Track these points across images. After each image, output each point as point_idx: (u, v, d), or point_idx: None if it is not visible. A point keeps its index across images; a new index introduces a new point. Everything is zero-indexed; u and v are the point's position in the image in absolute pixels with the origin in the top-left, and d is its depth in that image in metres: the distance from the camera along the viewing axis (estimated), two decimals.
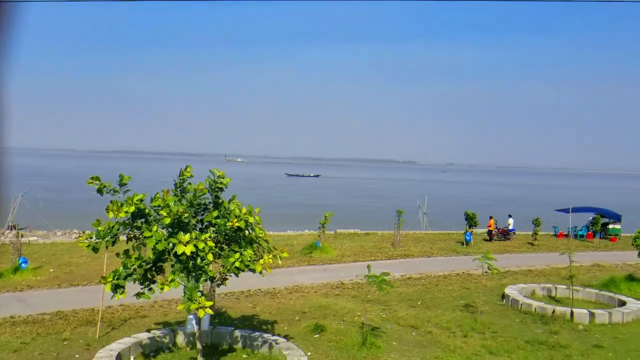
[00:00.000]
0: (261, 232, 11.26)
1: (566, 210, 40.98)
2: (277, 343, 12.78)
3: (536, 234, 36.16)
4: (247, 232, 11.06)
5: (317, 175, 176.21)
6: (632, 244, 22.45)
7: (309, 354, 12.79)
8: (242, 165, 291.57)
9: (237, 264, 10.50)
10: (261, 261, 10.77)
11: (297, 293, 19.72)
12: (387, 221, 40.95)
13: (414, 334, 15.31)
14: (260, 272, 10.74)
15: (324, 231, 31.82)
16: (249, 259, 10.62)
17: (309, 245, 28.88)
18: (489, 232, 37.03)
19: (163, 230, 10.51)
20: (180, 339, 13.33)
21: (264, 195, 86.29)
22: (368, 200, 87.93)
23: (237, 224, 10.69)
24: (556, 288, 21.13)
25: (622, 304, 18.82)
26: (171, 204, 10.47)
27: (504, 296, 19.77)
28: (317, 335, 14.48)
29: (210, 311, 10.10)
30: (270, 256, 10.94)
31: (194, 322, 11.11)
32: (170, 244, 10.24)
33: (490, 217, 37.21)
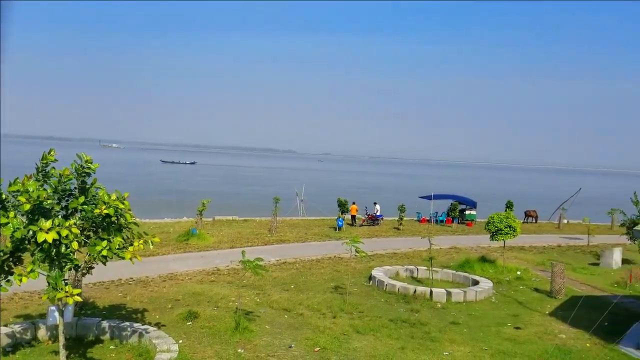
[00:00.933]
0: (132, 218, 10.75)
1: (428, 197, 43.51)
2: (147, 332, 12.35)
3: (401, 219, 38.05)
4: (116, 218, 10.51)
5: (193, 163, 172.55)
6: (485, 228, 24.25)
7: (180, 341, 12.49)
8: (117, 151, 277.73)
9: (104, 252, 9.96)
10: (131, 248, 10.28)
11: (171, 281, 19.19)
12: (265, 208, 41.05)
13: (286, 316, 15.49)
14: (130, 260, 10.27)
15: (201, 218, 31.22)
16: (117, 246, 10.11)
17: (185, 233, 28.20)
18: (353, 217, 38.43)
19: (22, 217, 9.71)
20: (42, 332, 12.45)
21: (139, 182, 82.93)
22: (247, 188, 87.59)
23: (105, 211, 10.12)
24: (418, 269, 22.38)
25: (476, 283, 20.34)
26: (31, 189, 9.68)
27: (370, 278, 20.60)
28: (189, 323, 14.18)
29: (78, 298, 9.51)
30: (141, 242, 10.46)
31: (55, 313, 10.39)
32: (30, 232, 9.49)
33: (353, 203, 38.56)
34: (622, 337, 14.74)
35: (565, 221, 45.72)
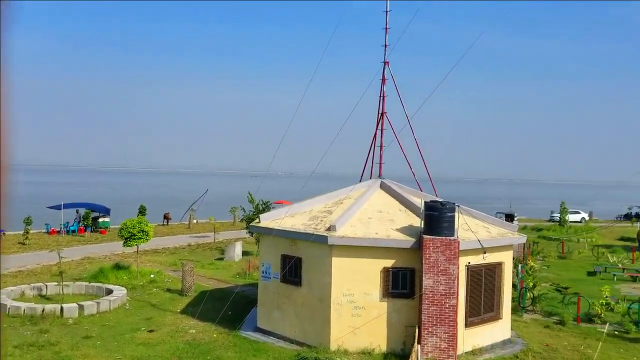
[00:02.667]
0: None
1: (58, 207, 40.48)
2: None
3: (27, 232, 34.46)
4: None
5: None
6: (118, 235, 23.93)
7: None
8: None
9: None
10: None
11: None
12: None
13: None
14: None
15: None
16: None
17: None
18: None
19: None
20: None
21: None
22: None
23: None
24: (47, 286, 20.67)
25: (110, 292, 19.89)
26: None
27: None
28: None
29: None
30: None
31: None
32: None
33: None
34: (242, 323, 16.54)
35: (195, 221, 48.55)
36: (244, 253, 30.93)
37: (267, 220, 16.89)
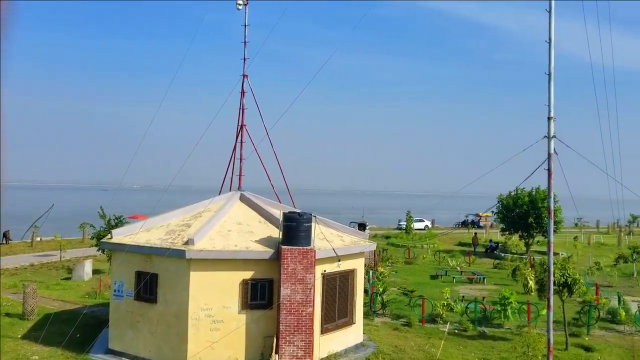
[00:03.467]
0: None
1: None
2: None
3: None
4: None
5: None
6: None
7: None
8: None
9: None
10: None
11: None
12: None
13: None
14: None
15: None
16: None
17: None
18: None
19: None
20: None
21: None
22: None
23: None
24: None
25: None
26: None
27: None
28: None
29: None
30: None
31: None
32: None
33: None
34: (92, 346, 15.46)
35: (39, 239, 44.60)
36: (95, 271, 29.02)
37: (120, 235, 16.01)
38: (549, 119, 11.69)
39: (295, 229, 14.22)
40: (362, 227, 53.25)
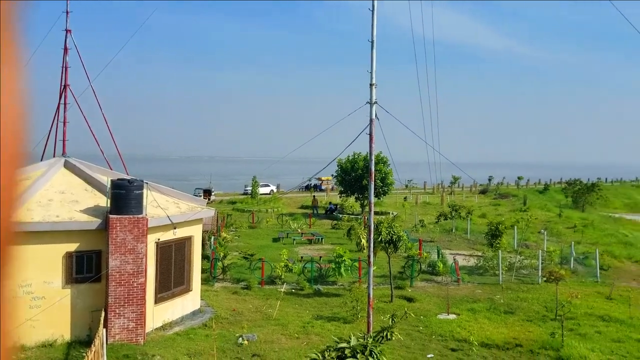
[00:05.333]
0: None
1: None
2: None
3: None
4: None
5: None
6: None
7: None
8: None
9: None
10: None
11: None
12: None
13: None
14: None
15: None
16: None
17: None
18: None
19: None
20: None
21: None
22: None
23: None
24: None
25: None
26: None
27: None
28: None
29: None
30: None
31: None
32: None
33: None
34: None
35: None
36: None
37: None
38: (371, 85, 12.09)
39: (124, 197, 13.35)
40: (207, 193, 52.50)
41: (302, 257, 24.76)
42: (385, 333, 8.22)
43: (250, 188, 54.89)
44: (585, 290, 20.64)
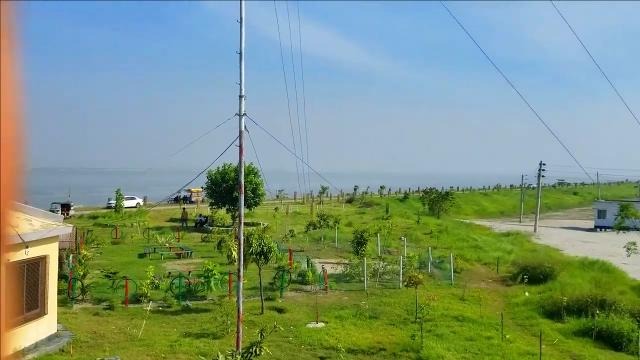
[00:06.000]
0: None
1: None
2: None
3: None
4: None
5: None
6: None
7: None
8: None
9: None
10: None
11: None
12: None
13: None
14: None
15: None
16: None
17: None
18: None
19: None
20: None
21: None
22: None
23: None
24: None
25: None
26: None
27: None
28: None
29: None
30: None
31: None
32: None
33: None
34: None
35: None
36: None
37: None
38: (240, 97, 12.11)
39: None
40: (66, 207, 48.76)
41: (169, 273, 23.92)
42: (254, 349, 8.22)
43: (115, 201, 51.98)
44: (442, 292, 22.24)
